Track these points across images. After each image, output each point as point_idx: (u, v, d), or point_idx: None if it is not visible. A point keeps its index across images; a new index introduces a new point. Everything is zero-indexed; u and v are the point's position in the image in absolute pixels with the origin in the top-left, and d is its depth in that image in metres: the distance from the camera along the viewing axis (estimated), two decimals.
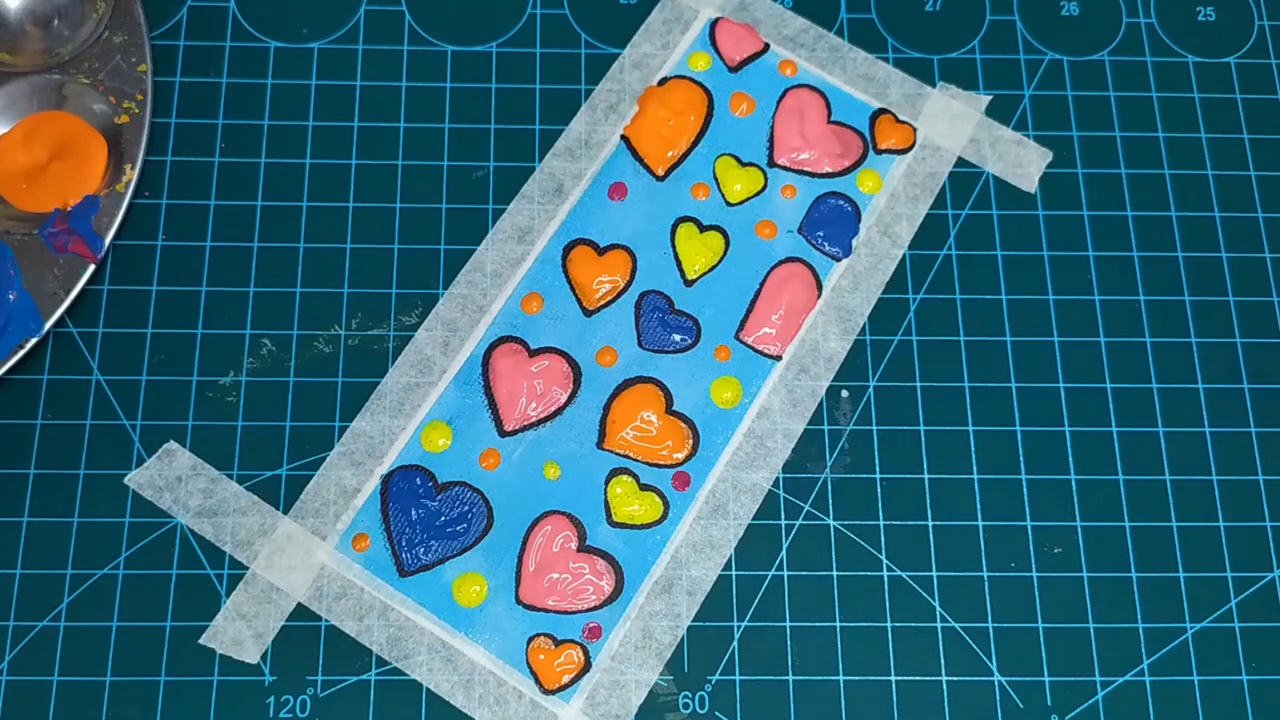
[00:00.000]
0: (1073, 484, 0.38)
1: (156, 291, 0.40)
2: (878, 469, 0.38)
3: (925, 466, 0.38)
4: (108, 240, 0.39)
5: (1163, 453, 0.39)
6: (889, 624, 0.37)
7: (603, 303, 0.40)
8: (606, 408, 0.38)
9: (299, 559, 0.36)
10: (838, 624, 0.36)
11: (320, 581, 0.36)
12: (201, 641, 0.36)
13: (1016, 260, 0.41)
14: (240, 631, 0.36)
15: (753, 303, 0.40)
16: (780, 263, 0.40)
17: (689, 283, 0.40)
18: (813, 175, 0.41)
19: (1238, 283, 0.41)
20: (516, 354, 0.39)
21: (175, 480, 0.37)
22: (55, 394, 0.38)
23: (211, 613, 0.36)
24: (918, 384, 0.39)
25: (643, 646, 0.36)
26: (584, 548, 0.37)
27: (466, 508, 0.37)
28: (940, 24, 0.44)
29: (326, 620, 0.36)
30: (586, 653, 0.36)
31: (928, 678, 0.36)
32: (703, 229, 0.41)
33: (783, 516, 0.38)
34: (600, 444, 0.38)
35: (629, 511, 0.37)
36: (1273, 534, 0.38)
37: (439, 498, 0.37)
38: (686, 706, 0.36)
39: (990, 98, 0.43)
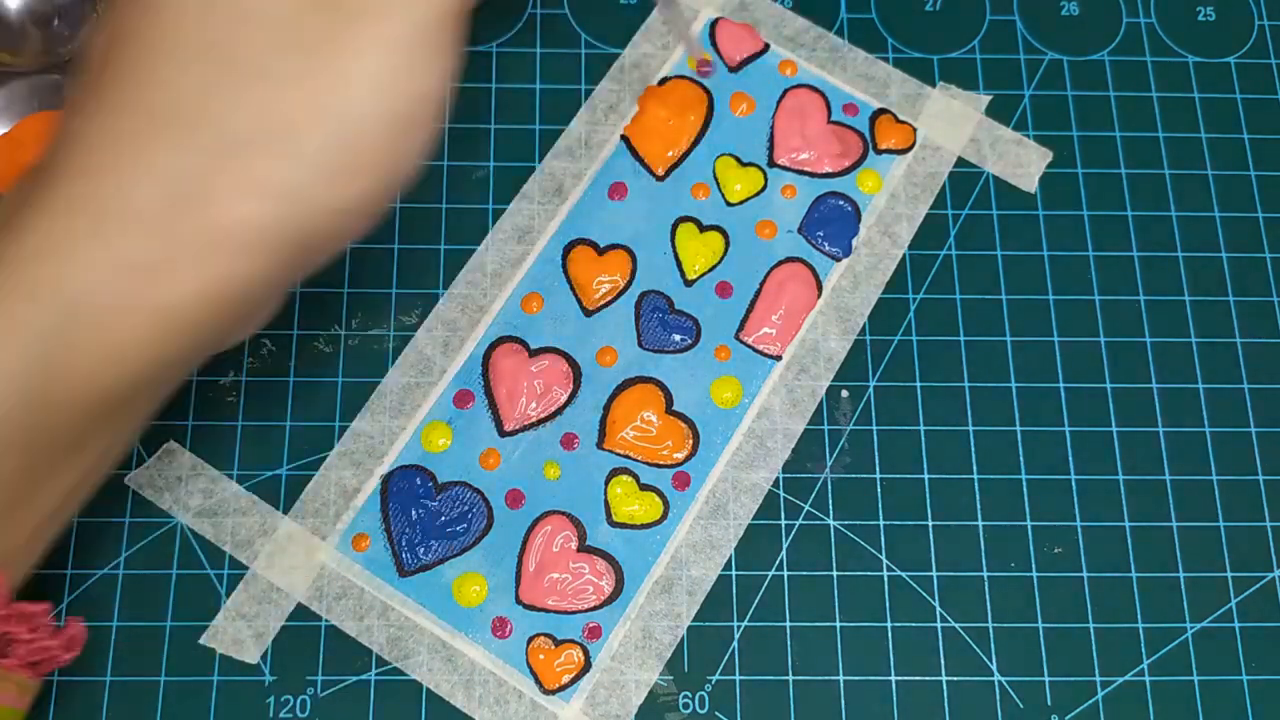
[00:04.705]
0: (1073, 484, 0.38)
1: None
2: (878, 469, 0.38)
3: (925, 466, 0.38)
4: None
5: (1163, 453, 0.39)
6: (889, 624, 0.37)
7: (603, 303, 0.40)
8: (606, 408, 0.38)
9: (299, 559, 0.36)
10: (838, 624, 0.36)
11: (320, 581, 0.36)
12: (201, 641, 0.36)
13: (1016, 260, 0.41)
14: (240, 631, 0.36)
15: (753, 303, 0.40)
16: (780, 263, 0.40)
17: (689, 283, 0.40)
18: (813, 175, 0.41)
19: (1238, 283, 0.41)
20: (516, 354, 0.39)
21: (175, 480, 0.37)
22: None
23: (211, 613, 0.36)
24: (918, 384, 0.39)
25: (643, 646, 0.36)
26: (584, 548, 0.37)
27: (466, 508, 0.37)
28: (940, 24, 0.44)
29: (326, 620, 0.36)
30: (586, 653, 0.36)
31: (928, 678, 0.36)
32: (703, 229, 0.41)
33: (783, 516, 0.38)
34: (600, 444, 0.38)
35: (629, 511, 0.37)
36: (1273, 534, 0.38)
37: (439, 498, 0.37)
38: (686, 706, 0.36)
39: (990, 98, 0.43)
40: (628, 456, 0.38)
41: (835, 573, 0.37)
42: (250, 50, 0.26)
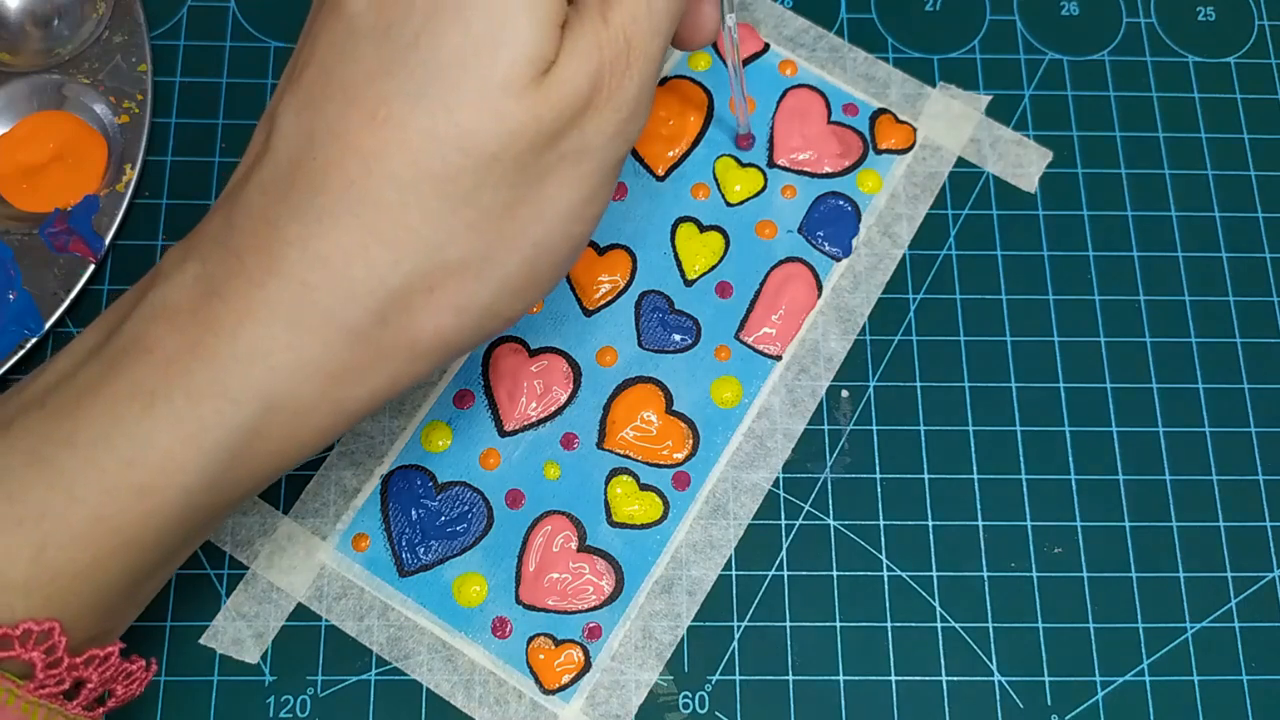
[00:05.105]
0: (1073, 484, 0.38)
1: None
2: (878, 469, 0.38)
3: (925, 466, 0.38)
4: (108, 240, 0.39)
5: (1163, 453, 0.39)
6: (889, 624, 0.37)
7: (603, 303, 0.40)
8: (606, 408, 0.38)
9: (299, 559, 0.36)
10: (838, 624, 0.36)
11: (320, 581, 0.36)
12: (201, 641, 0.36)
13: (1016, 260, 0.41)
14: (240, 631, 0.36)
15: (753, 303, 0.40)
16: (780, 263, 0.40)
17: (689, 283, 0.40)
18: (813, 175, 0.41)
19: (1238, 283, 0.41)
20: (516, 354, 0.39)
21: None
22: None
23: (211, 613, 0.36)
24: (918, 384, 0.39)
25: (643, 646, 0.36)
26: (584, 548, 0.37)
27: (466, 508, 0.37)
28: (940, 24, 0.44)
29: (326, 620, 0.36)
30: (586, 653, 0.36)
31: (928, 678, 0.36)
32: (703, 229, 0.41)
33: (783, 516, 0.38)
34: (600, 444, 0.38)
35: (629, 511, 0.37)
36: (1273, 534, 0.38)
37: (439, 498, 0.37)
38: (686, 706, 0.36)
39: (990, 98, 0.43)
40: (628, 456, 0.38)
41: (835, 573, 0.37)
42: (471, 184, 0.27)
